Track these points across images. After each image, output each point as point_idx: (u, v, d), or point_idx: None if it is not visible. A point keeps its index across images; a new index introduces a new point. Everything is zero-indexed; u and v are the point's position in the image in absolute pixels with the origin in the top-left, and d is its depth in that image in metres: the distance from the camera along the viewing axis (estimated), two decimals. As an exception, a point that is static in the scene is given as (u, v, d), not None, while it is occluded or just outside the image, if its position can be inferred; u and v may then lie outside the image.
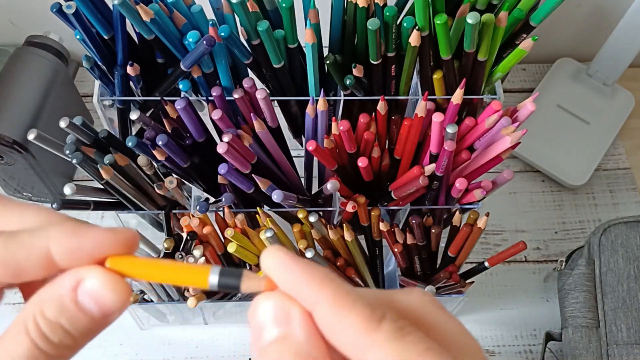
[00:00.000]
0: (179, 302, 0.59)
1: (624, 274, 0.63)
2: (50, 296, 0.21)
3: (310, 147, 0.50)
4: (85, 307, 0.21)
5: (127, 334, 0.69)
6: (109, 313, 0.21)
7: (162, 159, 0.51)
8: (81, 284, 0.21)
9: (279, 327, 0.21)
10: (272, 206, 0.56)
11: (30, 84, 0.68)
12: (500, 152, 0.50)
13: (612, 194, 0.79)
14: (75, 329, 0.21)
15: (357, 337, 0.20)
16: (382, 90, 0.55)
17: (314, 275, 0.20)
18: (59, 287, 0.21)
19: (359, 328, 0.19)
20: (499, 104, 0.50)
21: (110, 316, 0.22)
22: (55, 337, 0.21)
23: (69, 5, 0.47)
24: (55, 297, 0.21)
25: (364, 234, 0.61)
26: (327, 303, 0.20)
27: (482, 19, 0.48)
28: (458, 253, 0.58)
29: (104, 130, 0.53)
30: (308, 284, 0.20)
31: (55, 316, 0.21)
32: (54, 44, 0.71)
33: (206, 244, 0.56)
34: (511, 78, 0.87)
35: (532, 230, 0.77)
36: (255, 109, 0.53)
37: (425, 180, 0.52)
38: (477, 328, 0.70)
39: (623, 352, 0.60)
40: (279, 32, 0.51)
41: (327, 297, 0.20)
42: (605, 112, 0.82)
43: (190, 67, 0.50)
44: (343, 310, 0.20)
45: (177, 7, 0.49)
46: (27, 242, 0.21)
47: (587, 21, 0.84)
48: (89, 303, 0.21)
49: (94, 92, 0.55)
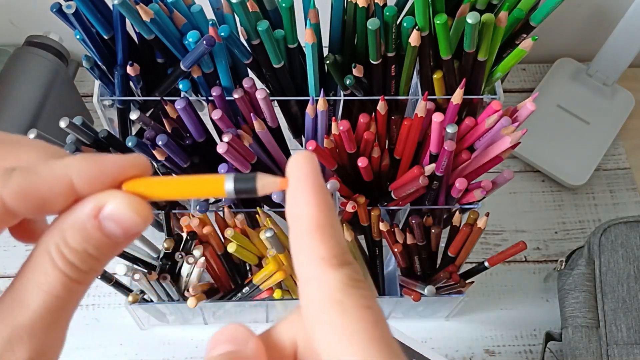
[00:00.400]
0: (179, 302, 0.59)
1: (624, 274, 0.63)
2: (72, 225, 0.21)
3: (310, 147, 0.50)
4: (109, 232, 0.21)
5: (127, 334, 0.69)
6: (132, 234, 0.21)
7: (162, 159, 0.51)
8: (103, 209, 0.21)
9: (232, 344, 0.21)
10: (272, 206, 0.56)
11: (30, 84, 0.68)
12: (500, 152, 0.50)
13: (612, 194, 0.79)
14: (101, 253, 0.21)
15: (313, 263, 0.20)
16: (382, 90, 0.55)
17: (317, 195, 0.20)
18: (80, 215, 0.21)
19: (320, 256, 0.20)
20: (499, 104, 0.50)
21: (132, 237, 0.22)
22: (83, 264, 0.21)
23: (69, 5, 0.47)
24: (77, 225, 0.21)
25: (363, 234, 0.61)
26: (310, 220, 0.20)
27: (482, 19, 0.48)
28: (458, 253, 0.58)
29: (103, 130, 0.53)
30: (307, 197, 0.20)
31: (80, 244, 0.21)
32: (54, 44, 0.71)
33: (206, 244, 0.56)
34: (511, 78, 0.87)
35: (532, 230, 0.77)
36: (255, 109, 0.53)
37: (425, 180, 0.52)
38: (477, 328, 0.70)
39: (623, 352, 0.60)
40: (278, 32, 0.51)
41: (313, 215, 0.20)
42: (605, 112, 0.82)
43: (190, 67, 0.50)
44: (318, 233, 0.20)
45: (177, 7, 0.49)
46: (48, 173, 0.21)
47: (587, 21, 0.84)
48: (113, 227, 0.21)
49: (94, 92, 0.55)
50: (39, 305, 0.20)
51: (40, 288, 0.20)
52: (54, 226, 0.21)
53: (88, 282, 0.21)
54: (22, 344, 0.20)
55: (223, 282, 0.62)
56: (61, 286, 0.20)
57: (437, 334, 0.70)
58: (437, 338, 0.70)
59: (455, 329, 0.70)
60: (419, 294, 0.57)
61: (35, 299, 0.20)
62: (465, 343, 0.70)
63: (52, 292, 0.20)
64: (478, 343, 0.70)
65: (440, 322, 0.71)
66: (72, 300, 0.21)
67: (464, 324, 0.71)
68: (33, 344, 0.20)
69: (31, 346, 0.20)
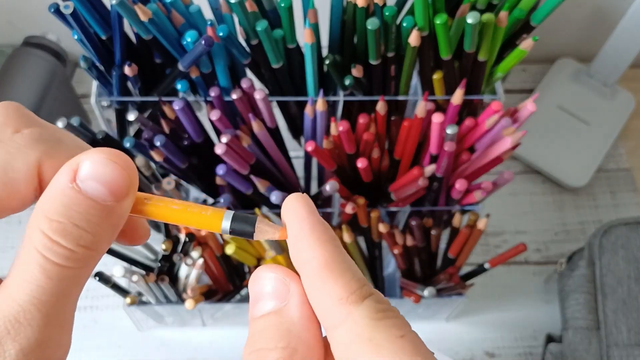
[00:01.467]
0: (177, 304, 0.59)
1: (625, 276, 0.63)
2: (50, 198, 0.18)
3: (309, 148, 0.50)
4: (93, 194, 0.19)
5: (125, 336, 0.68)
6: (120, 192, 0.19)
7: (160, 160, 0.50)
8: (79, 171, 0.19)
9: (275, 300, 0.20)
10: (271, 207, 0.56)
11: (27, 84, 0.68)
12: (501, 153, 0.50)
13: (613, 195, 0.79)
14: (90, 222, 0.19)
15: (334, 306, 0.18)
16: (382, 90, 0.55)
17: (319, 234, 0.20)
18: (56, 184, 0.19)
19: (339, 297, 0.18)
20: (499, 105, 0.50)
21: (123, 198, 0.19)
22: (68, 240, 0.18)
23: (67, 5, 0.47)
24: (56, 195, 0.18)
25: (363, 235, 0.60)
26: (318, 262, 0.19)
27: (482, 19, 0.48)
28: (458, 254, 0.57)
29: (101, 131, 0.53)
30: (309, 240, 0.19)
31: (63, 215, 0.18)
32: (52, 45, 0.71)
33: (204, 246, 0.56)
34: (511, 78, 0.87)
35: (533, 231, 0.76)
36: (254, 109, 0.52)
37: (425, 182, 0.52)
38: (478, 329, 0.70)
39: (623, 353, 0.59)
40: (277, 32, 0.51)
41: (320, 257, 0.19)
42: (605, 113, 0.82)
43: (188, 67, 0.50)
44: (330, 273, 0.19)
45: (175, 7, 0.49)
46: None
47: (587, 21, 0.84)
48: (95, 187, 0.19)
49: (91, 93, 0.54)
50: (23, 299, 0.18)
51: (22, 278, 0.18)
52: (35, 207, 0.19)
53: (82, 265, 0.19)
54: (9, 338, 0.18)
55: (221, 284, 0.62)
56: (43, 274, 0.18)
57: (437, 336, 0.70)
58: (437, 340, 0.70)
59: (455, 331, 0.70)
60: (419, 295, 0.56)
61: (19, 292, 0.18)
62: (465, 345, 0.69)
63: (35, 282, 0.18)
64: (478, 345, 0.69)
65: (441, 324, 0.70)
66: (65, 289, 0.19)
67: (464, 325, 0.70)
68: (22, 338, 0.18)
69: (20, 340, 0.18)
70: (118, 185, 0.19)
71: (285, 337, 0.19)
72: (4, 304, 0.18)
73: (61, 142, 0.21)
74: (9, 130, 0.20)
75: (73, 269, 0.19)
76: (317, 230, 0.20)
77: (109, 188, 0.19)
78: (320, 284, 0.19)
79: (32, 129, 0.20)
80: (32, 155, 0.20)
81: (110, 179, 0.19)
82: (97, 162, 0.19)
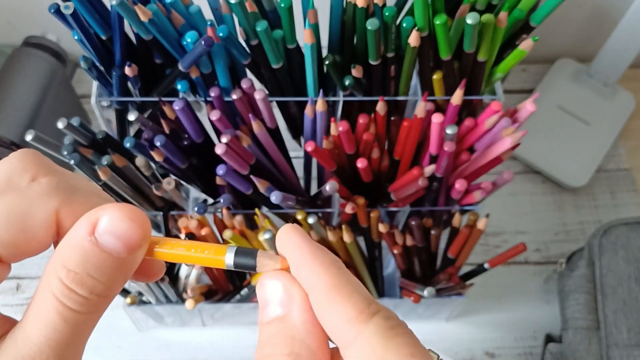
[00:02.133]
0: (177, 304, 0.59)
1: (625, 276, 0.63)
2: (68, 248, 0.20)
3: (309, 148, 0.50)
4: (108, 247, 0.20)
5: (125, 336, 0.68)
6: (134, 246, 0.20)
7: (160, 160, 0.50)
8: (98, 224, 0.20)
9: (279, 307, 0.21)
10: (271, 207, 0.56)
11: (28, 84, 0.68)
12: (500, 153, 0.50)
13: (613, 195, 0.79)
14: (104, 273, 0.20)
15: (345, 326, 0.19)
16: (382, 90, 0.55)
17: (320, 260, 0.20)
18: (75, 235, 0.20)
19: (348, 317, 0.19)
20: (499, 105, 0.50)
21: (136, 250, 0.21)
22: (83, 289, 0.20)
23: (67, 5, 0.47)
24: (74, 246, 0.20)
25: (363, 235, 0.60)
26: (324, 286, 0.20)
27: (482, 20, 0.48)
28: (458, 255, 0.57)
29: (101, 131, 0.53)
30: (311, 266, 0.20)
31: (79, 266, 0.20)
32: (52, 45, 0.71)
33: (204, 246, 0.56)
34: (511, 79, 0.87)
35: (532, 231, 0.76)
36: (254, 109, 0.52)
37: (424, 182, 0.52)
38: (477, 330, 0.70)
39: (623, 354, 0.59)
40: (277, 32, 0.51)
41: (326, 280, 0.20)
42: (605, 113, 0.82)
43: (188, 67, 0.50)
44: (338, 295, 0.20)
45: (175, 7, 0.49)
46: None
47: (587, 21, 0.84)
48: (112, 241, 0.20)
49: (91, 93, 0.54)
50: (40, 340, 0.19)
51: (39, 321, 0.19)
52: (54, 254, 0.20)
53: (94, 310, 0.20)
54: None
55: (221, 284, 0.62)
56: (59, 318, 0.19)
57: (436, 336, 0.70)
58: (436, 340, 0.70)
59: (455, 331, 0.70)
60: (419, 295, 0.56)
61: (36, 333, 0.19)
62: (465, 345, 0.69)
63: (51, 326, 0.19)
64: (478, 345, 0.69)
65: (440, 324, 0.70)
66: (78, 332, 0.20)
67: (463, 325, 0.70)
68: None
69: None
70: (133, 240, 0.20)
71: (289, 344, 0.20)
72: (22, 344, 0.19)
73: (77, 190, 0.22)
74: (27, 178, 0.21)
75: (86, 314, 0.20)
76: (318, 256, 0.20)
77: (124, 242, 0.20)
78: (329, 307, 0.20)
79: (50, 177, 0.22)
80: (50, 203, 0.21)
81: (126, 234, 0.20)
82: (115, 217, 0.20)
